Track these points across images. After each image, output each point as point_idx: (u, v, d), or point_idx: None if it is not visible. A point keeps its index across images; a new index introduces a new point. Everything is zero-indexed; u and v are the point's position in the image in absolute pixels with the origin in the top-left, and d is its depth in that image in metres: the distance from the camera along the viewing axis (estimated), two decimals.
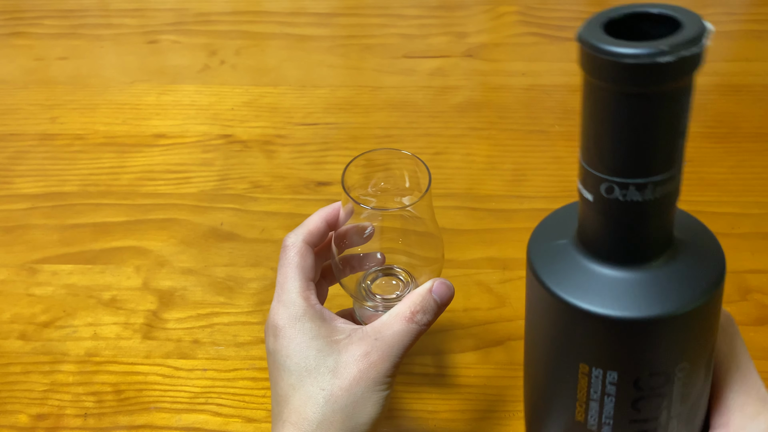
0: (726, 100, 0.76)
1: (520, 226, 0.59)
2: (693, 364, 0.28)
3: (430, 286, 0.38)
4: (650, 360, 0.27)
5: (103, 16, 0.92)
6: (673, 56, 0.20)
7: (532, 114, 0.73)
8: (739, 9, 0.93)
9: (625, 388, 0.27)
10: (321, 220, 0.41)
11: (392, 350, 0.35)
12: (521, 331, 0.52)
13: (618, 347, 0.26)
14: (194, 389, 0.48)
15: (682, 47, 0.20)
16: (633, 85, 0.21)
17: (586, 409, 0.29)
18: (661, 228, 0.26)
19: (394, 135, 0.70)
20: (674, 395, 0.28)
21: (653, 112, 0.22)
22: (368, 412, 0.35)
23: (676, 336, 0.26)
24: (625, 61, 0.21)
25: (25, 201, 0.64)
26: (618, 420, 0.28)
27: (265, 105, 0.75)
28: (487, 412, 0.47)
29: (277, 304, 0.38)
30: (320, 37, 0.87)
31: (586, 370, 0.27)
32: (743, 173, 0.65)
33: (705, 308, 0.26)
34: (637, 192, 0.23)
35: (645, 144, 0.23)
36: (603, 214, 0.25)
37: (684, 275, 0.26)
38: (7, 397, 0.48)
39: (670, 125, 0.22)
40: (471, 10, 0.92)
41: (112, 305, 0.54)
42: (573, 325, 0.27)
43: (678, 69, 0.21)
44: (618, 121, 0.22)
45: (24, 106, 0.76)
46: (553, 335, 0.29)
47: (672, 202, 0.25)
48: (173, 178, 0.66)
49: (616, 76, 0.21)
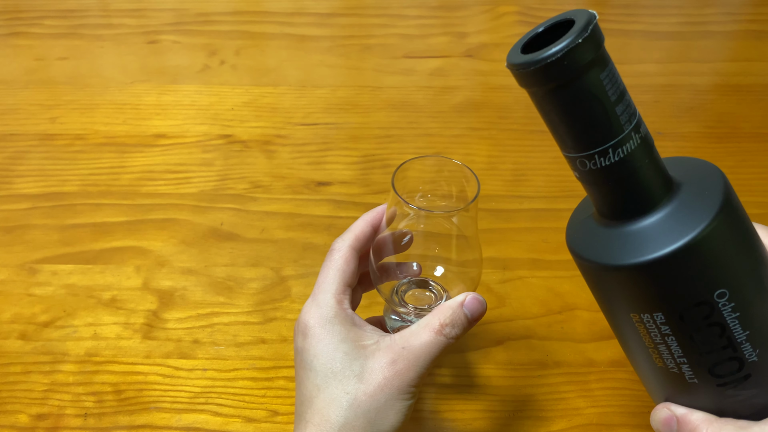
0: (726, 100, 0.76)
1: (520, 226, 0.59)
2: (733, 288, 0.29)
3: (463, 299, 0.37)
4: (681, 293, 0.29)
5: (103, 16, 0.92)
6: (557, 54, 0.25)
7: (532, 114, 0.73)
8: (739, 9, 0.93)
9: (677, 325, 0.29)
10: (367, 224, 0.41)
11: (419, 360, 0.35)
12: (521, 331, 0.52)
13: (648, 289, 0.29)
14: (194, 389, 0.48)
15: (568, 41, 0.25)
16: (544, 84, 0.27)
17: (659, 354, 0.31)
18: (649, 178, 0.29)
19: (394, 135, 0.71)
20: (729, 321, 0.29)
21: (577, 95, 0.26)
22: (390, 420, 0.35)
23: (694, 264, 0.28)
24: (528, 69, 0.26)
25: (25, 201, 0.64)
26: (689, 356, 0.30)
27: (265, 105, 0.75)
28: (487, 412, 0.47)
29: (311, 303, 0.38)
30: (320, 37, 0.87)
31: (637, 318, 0.30)
32: (743, 173, 0.65)
33: (713, 233, 0.28)
34: (603, 158, 0.28)
35: (587, 121, 0.27)
36: (591, 184, 0.29)
37: (683, 211, 0.29)
38: (7, 397, 0.48)
39: (599, 99, 0.27)
40: (471, 10, 0.92)
41: (112, 305, 0.54)
42: (609, 282, 0.30)
43: (571, 58, 0.25)
44: (557, 112, 0.27)
45: (24, 106, 0.76)
46: (604, 298, 0.32)
47: (642, 154, 0.28)
48: (173, 178, 0.66)
49: (531, 81, 0.27)
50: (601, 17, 0.96)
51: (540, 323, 0.52)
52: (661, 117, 0.73)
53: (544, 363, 0.50)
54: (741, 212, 0.30)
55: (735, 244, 0.29)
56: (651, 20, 0.90)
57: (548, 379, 0.49)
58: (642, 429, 0.46)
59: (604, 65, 0.27)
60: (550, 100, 0.27)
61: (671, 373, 0.32)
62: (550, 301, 0.54)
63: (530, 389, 0.48)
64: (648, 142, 0.28)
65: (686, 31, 0.88)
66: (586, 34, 0.25)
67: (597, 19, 0.26)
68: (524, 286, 0.55)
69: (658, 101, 0.75)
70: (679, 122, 0.72)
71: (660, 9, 0.92)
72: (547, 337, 0.51)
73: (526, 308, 0.54)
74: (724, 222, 0.28)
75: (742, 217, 0.30)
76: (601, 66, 0.26)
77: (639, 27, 0.89)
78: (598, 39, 0.26)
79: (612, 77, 0.27)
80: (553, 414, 0.47)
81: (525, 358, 0.50)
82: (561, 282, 0.55)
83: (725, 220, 0.28)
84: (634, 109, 0.28)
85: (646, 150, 0.28)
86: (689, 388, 0.32)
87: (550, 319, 0.53)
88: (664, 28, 0.89)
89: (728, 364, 0.30)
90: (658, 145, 0.29)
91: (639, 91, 0.76)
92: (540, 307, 0.54)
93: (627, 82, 0.28)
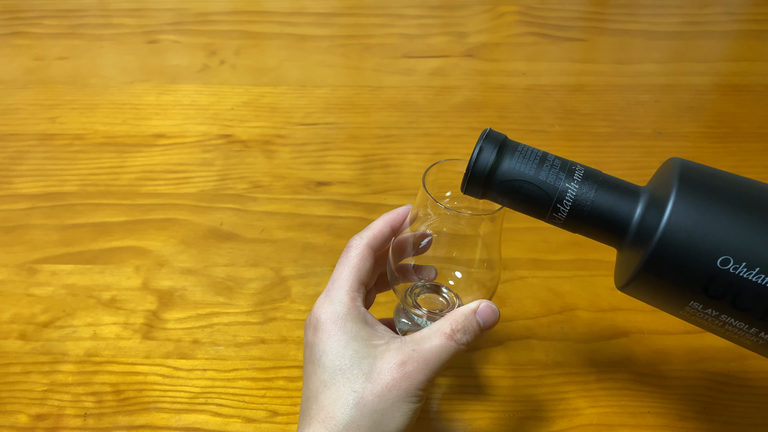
0: (726, 100, 0.76)
1: (520, 226, 0.59)
2: (733, 250, 0.29)
3: (476, 306, 0.37)
4: (689, 279, 0.30)
5: (103, 16, 0.92)
6: (465, 181, 0.34)
7: (532, 114, 0.73)
8: (739, 9, 0.93)
9: (715, 305, 0.31)
10: (386, 224, 0.41)
11: (428, 364, 0.35)
12: (521, 331, 0.52)
13: (663, 289, 0.31)
14: (194, 389, 0.48)
15: (467, 172, 0.34)
16: (483, 189, 0.34)
17: (737, 333, 0.32)
18: (610, 201, 0.33)
19: (394, 135, 0.70)
20: (754, 278, 0.29)
21: (505, 184, 0.33)
22: (396, 422, 0.35)
23: (678, 250, 0.30)
24: (463, 190, 0.35)
25: (24, 201, 0.64)
26: (756, 325, 0.31)
27: (264, 105, 0.75)
28: (487, 412, 0.47)
29: (324, 299, 0.38)
30: (320, 37, 0.87)
31: (685, 314, 0.32)
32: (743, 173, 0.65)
33: (676, 218, 0.30)
34: (559, 213, 0.33)
35: (526, 195, 0.33)
36: (576, 229, 0.34)
37: (650, 211, 0.32)
38: (7, 397, 0.48)
39: (521, 178, 0.33)
40: (471, 10, 0.92)
41: (111, 305, 0.54)
42: (643, 295, 0.34)
43: (476, 178, 0.33)
44: (508, 200, 0.34)
45: (24, 106, 0.76)
46: (664, 310, 0.34)
47: (588, 189, 0.33)
48: (173, 178, 0.66)
49: (473, 193, 0.35)
50: (602, 17, 0.96)
51: (540, 323, 0.52)
52: (661, 117, 0.73)
53: (544, 363, 0.50)
54: (710, 181, 0.31)
55: (711, 213, 0.30)
56: (651, 20, 0.90)
57: (548, 380, 0.49)
58: (642, 429, 0.46)
59: (513, 151, 0.33)
60: (496, 195, 0.34)
61: (763, 345, 0.31)
62: (550, 301, 0.54)
63: (530, 389, 0.48)
64: (591, 176, 0.33)
65: (686, 31, 0.88)
66: (475, 155, 0.33)
67: (488, 134, 0.33)
68: (524, 286, 0.55)
69: (658, 101, 0.75)
70: (679, 122, 0.72)
71: (660, 9, 0.92)
72: (547, 337, 0.51)
73: (527, 308, 0.53)
74: (687, 201, 0.30)
75: (711, 185, 0.31)
76: (510, 154, 0.33)
77: (639, 27, 0.89)
78: (493, 145, 0.33)
79: (523, 155, 0.33)
80: (553, 414, 0.47)
81: (525, 359, 0.50)
82: (561, 282, 0.55)
83: (688, 198, 0.30)
84: (561, 161, 0.33)
85: (590, 184, 0.33)
86: None
87: (550, 319, 0.53)
88: (664, 27, 0.89)
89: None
90: (658, 144, 0.30)
91: (639, 91, 0.76)
92: (540, 307, 0.54)
93: (627, 81, 0.29)
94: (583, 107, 0.74)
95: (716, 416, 0.46)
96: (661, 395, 0.48)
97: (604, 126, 0.72)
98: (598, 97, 0.76)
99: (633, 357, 0.50)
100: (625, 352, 0.50)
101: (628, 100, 0.75)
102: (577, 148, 0.68)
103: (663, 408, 0.47)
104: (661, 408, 0.47)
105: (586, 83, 0.78)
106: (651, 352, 0.50)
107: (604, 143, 0.69)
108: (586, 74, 0.80)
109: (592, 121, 0.72)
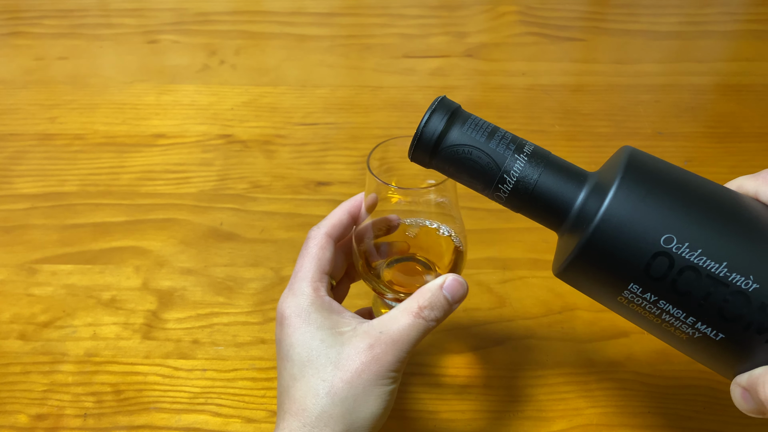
0: (726, 100, 0.76)
1: (520, 226, 0.59)
2: (676, 229, 0.29)
3: (442, 282, 0.37)
4: (630, 256, 0.30)
5: (103, 16, 0.92)
6: (413, 146, 0.33)
7: (532, 114, 0.73)
8: (739, 9, 0.93)
9: (654, 287, 0.30)
10: (344, 212, 0.41)
11: (396, 344, 0.35)
12: (521, 331, 0.52)
13: (603, 270, 0.31)
14: (194, 389, 0.48)
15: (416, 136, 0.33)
16: (431, 156, 0.33)
17: (671, 324, 0.31)
18: (556, 181, 0.33)
19: (394, 135, 0.70)
20: (696, 260, 0.29)
21: (451, 161, 0.33)
22: (370, 406, 0.34)
23: (621, 226, 0.30)
24: (410, 154, 0.34)
25: (24, 201, 0.64)
26: (693, 313, 0.30)
27: (264, 105, 0.75)
28: (487, 412, 0.47)
29: (287, 293, 0.38)
30: (320, 37, 0.87)
31: (624, 299, 0.32)
32: (743, 173, 0.65)
33: (620, 197, 0.30)
34: (505, 186, 0.33)
35: (474, 164, 0.33)
36: (519, 208, 0.34)
37: (595, 192, 0.32)
38: (7, 397, 0.48)
39: (472, 145, 0.33)
40: (471, 10, 0.92)
41: (111, 305, 0.54)
42: (579, 282, 0.34)
43: (424, 142, 0.33)
44: (454, 170, 0.34)
45: (24, 106, 0.76)
46: (595, 298, 0.35)
47: (536, 165, 0.32)
48: (173, 178, 0.66)
49: (420, 160, 0.34)
50: (602, 17, 0.96)
51: (540, 323, 0.52)
52: (661, 117, 0.73)
53: (544, 363, 0.50)
54: (658, 171, 0.31)
55: (656, 197, 0.30)
56: (651, 20, 0.90)
57: (548, 380, 0.49)
58: (642, 429, 0.46)
59: (464, 120, 0.33)
60: (443, 163, 0.33)
61: (699, 340, 0.31)
62: (550, 301, 0.54)
63: (530, 389, 0.48)
64: (539, 155, 0.33)
65: (686, 31, 0.88)
66: (425, 119, 0.33)
67: (440, 100, 0.33)
68: (524, 286, 0.55)
69: (658, 101, 0.75)
70: (679, 122, 0.72)
71: (660, 9, 0.92)
72: (547, 337, 0.51)
73: (526, 308, 0.53)
74: (631, 187, 0.30)
75: (658, 174, 0.31)
76: (461, 122, 0.33)
77: (639, 27, 0.89)
78: (444, 112, 0.33)
79: (475, 124, 0.33)
80: (553, 414, 0.47)
81: (525, 358, 0.50)
82: (561, 282, 0.55)
83: (632, 185, 0.30)
84: (512, 136, 0.33)
85: (537, 163, 0.33)
86: (728, 349, 0.31)
87: (550, 319, 0.53)
88: (664, 27, 0.89)
89: (732, 302, 0.29)
90: (658, 144, 0.30)
91: (639, 91, 0.76)
92: (540, 307, 0.54)
93: (627, 81, 0.29)
94: (583, 107, 0.74)
95: (716, 416, 0.46)
96: (661, 395, 0.48)
97: (605, 126, 0.72)
98: (598, 97, 0.76)
99: (633, 357, 0.50)
100: (625, 352, 0.50)
101: (628, 100, 0.75)
102: (578, 148, 0.68)
103: (663, 408, 0.47)
104: (661, 408, 0.47)
105: (586, 83, 0.78)
106: (651, 352, 0.50)
107: (604, 143, 0.69)
108: (586, 74, 0.80)
109: (592, 121, 0.72)
